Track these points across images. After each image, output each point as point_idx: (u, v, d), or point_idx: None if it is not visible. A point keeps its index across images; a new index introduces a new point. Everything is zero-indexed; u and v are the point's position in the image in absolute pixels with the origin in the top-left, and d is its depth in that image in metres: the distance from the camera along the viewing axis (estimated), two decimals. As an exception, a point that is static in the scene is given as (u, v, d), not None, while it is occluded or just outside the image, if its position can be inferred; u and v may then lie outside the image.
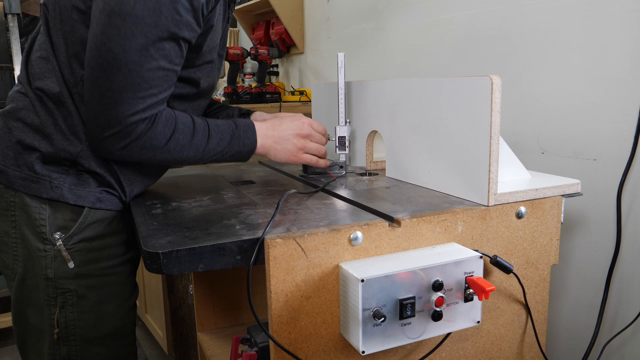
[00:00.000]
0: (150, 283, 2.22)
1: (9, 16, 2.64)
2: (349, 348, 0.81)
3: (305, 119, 1.08)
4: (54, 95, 0.91)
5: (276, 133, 1.04)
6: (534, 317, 0.97)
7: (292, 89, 2.69)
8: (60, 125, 0.92)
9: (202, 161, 0.98)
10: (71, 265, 0.94)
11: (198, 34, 0.90)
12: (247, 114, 1.19)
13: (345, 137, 1.21)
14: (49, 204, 0.93)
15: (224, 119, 1.01)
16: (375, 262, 0.77)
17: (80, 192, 0.94)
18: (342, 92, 1.21)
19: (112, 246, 0.99)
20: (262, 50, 2.50)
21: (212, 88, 1.05)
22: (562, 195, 0.95)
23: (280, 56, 2.64)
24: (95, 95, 0.85)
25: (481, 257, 0.79)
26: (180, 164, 0.99)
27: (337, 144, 1.22)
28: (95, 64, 0.84)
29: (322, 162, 1.11)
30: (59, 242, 0.93)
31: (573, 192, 0.97)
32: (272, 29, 2.82)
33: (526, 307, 0.96)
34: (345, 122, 1.21)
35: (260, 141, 1.02)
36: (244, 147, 1.00)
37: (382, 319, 0.72)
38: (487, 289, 0.76)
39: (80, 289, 0.96)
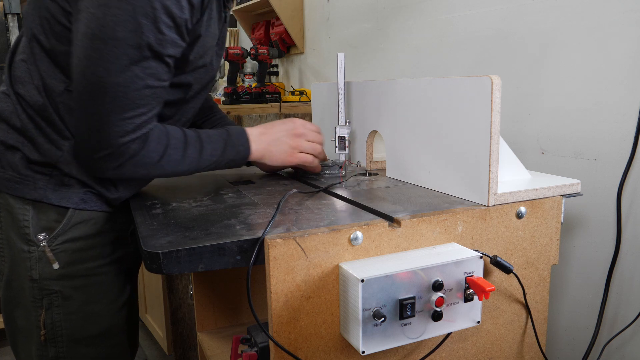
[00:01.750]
0: (150, 283, 2.22)
1: (9, 16, 2.64)
2: (349, 348, 0.81)
3: (297, 120, 1.07)
4: (38, 106, 0.90)
5: (269, 136, 1.04)
6: (534, 317, 0.97)
7: (292, 89, 2.69)
8: (41, 131, 0.91)
9: (198, 172, 0.99)
10: (56, 266, 0.93)
11: (184, 47, 0.89)
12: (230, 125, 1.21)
13: (345, 137, 1.21)
14: (32, 205, 0.92)
15: (216, 129, 1.01)
16: (375, 262, 0.77)
17: (64, 193, 0.93)
18: (342, 92, 1.21)
19: (98, 246, 0.98)
20: (262, 50, 2.50)
21: (206, 89, 1.05)
22: (562, 195, 0.95)
23: (280, 56, 2.63)
24: (85, 118, 0.84)
25: (481, 257, 0.79)
26: (178, 176, 0.98)
27: (337, 144, 1.22)
28: (81, 88, 0.82)
29: (317, 163, 1.10)
30: (43, 243, 0.92)
31: (573, 192, 0.97)
32: (272, 29, 2.82)
33: (526, 307, 0.96)
34: (345, 122, 1.21)
35: (254, 146, 1.02)
36: (237, 154, 1.01)
37: (382, 319, 0.72)
38: (487, 289, 0.76)
39: (66, 290, 0.95)
